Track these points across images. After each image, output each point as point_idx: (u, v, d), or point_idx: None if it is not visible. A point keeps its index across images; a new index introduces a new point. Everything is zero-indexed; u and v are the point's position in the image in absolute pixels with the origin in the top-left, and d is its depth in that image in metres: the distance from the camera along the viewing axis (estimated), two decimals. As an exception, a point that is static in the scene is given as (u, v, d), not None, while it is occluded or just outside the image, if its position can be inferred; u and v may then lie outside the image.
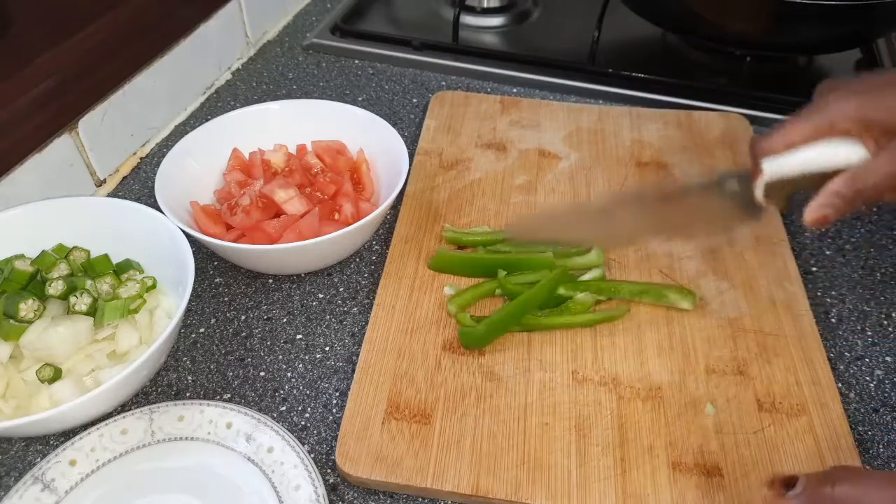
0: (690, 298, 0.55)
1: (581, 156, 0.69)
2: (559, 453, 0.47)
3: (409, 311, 0.55)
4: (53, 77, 0.60)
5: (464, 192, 0.65)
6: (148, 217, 0.55)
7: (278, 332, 0.56)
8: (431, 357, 0.52)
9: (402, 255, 0.59)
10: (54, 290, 0.52)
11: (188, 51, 0.75)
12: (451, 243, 0.60)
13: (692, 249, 0.60)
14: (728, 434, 0.48)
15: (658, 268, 0.58)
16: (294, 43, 0.90)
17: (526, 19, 0.92)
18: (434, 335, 0.54)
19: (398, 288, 0.57)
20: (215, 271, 0.61)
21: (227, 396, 0.51)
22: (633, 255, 0.59)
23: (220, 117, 0.65)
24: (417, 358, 0.52)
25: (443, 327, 0.54)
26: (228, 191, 0.62)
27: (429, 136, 0.71)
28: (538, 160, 0.69)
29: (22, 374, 0.49)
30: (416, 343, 0.53)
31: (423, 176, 0.67)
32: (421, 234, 0.61)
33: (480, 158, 0.69)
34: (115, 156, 0.70)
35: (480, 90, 0.81)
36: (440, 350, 0.53)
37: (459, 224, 0.62)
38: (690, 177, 0.66)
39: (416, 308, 0.55)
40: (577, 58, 0.82)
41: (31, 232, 0.55)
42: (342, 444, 0.47)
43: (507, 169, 0.68)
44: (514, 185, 0.66)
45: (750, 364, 0.52)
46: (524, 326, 0.54)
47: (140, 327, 0.52)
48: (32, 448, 0.49)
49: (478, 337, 0.52)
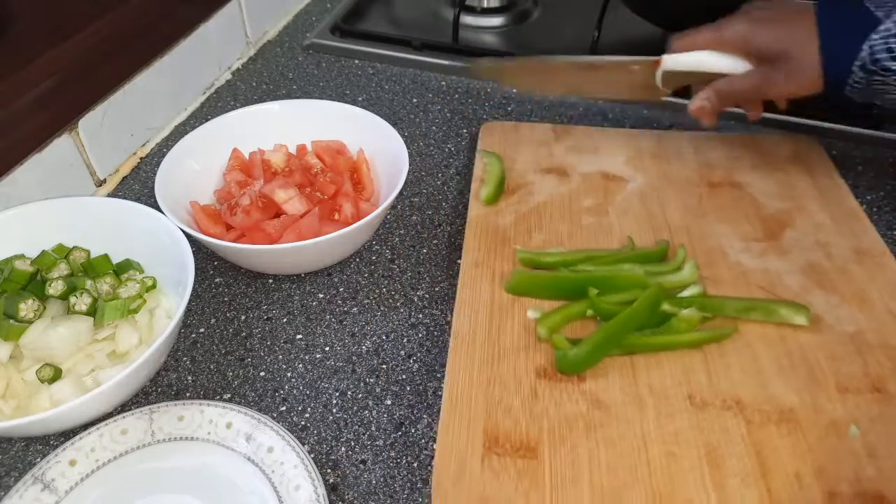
0: (804, 313, 0.51)
1: (648, 178, 0.66)
2: (693, 487, 0.42)
3: (491, 338, 0.51)
4: (53, 77, 0.60)
5: (530, 216, 0.62)
6: (148, 217, 0.55)
7: (278, 332, 0.56)
8: (525, 385, 0.48)
9: (473, 280, 0.56)
10: (54, 290, 0.52)
11: (188, 51, 0.75)
12: (527, 265, 0.57)
13: (789, 265, 0.57)
14: (883, 458, 0.43)
15: (756, 283, 0.55)
16: (294, 43, 0.90)
17: (526, 19, 0.92)
18: (524, 361, 0.49)
19: (476, 315, 0.53)
20: (215, 271, 0.61)
21: (227, 396, 0.51)
22: (728, 272, 0.56)
23: (220, 117, 0.65)
24: (510, 386, 0.48)
25: (532, 352, 0.50)
26: (228, 191, 0.62)
27: (482, 164, 0.67)
28: (604, 183, 0.66)
29: (22, 374, 0.49)
30: (506, 371, 0.49)
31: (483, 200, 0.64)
32: (491, 258, 0.58)
33: (542, 182, 0.66)
34: (115, 156, 0.70)
35: (481, 90, 0.81)
36: (534, 377, 0.48)
37: (531, 246, 0.59)
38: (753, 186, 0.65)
39: (500, 335, 0.51)
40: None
41: (31, 232, 0.55)
42: (438, 492, 0.42)
43: (573, 192, 0.65)
44: (582, 208, 0.63)
45: (886, 380, 0.48)
46: (625, 348, 0.50)
47: (140, 327, 0.52)
48: (32, 448, 0.49)
49: (578, 360, 0.48)
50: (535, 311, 0.53)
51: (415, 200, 0.67)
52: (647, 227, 0.61)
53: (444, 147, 0.73)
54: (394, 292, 0.59)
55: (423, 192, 0.68)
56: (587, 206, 0.63)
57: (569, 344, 0.50)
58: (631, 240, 0.59)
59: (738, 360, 0.50)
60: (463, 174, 0.70)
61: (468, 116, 0.77)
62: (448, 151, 0.73)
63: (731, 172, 0.67)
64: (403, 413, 0.50)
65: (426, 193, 0.68)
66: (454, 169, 0.71)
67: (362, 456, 0.48)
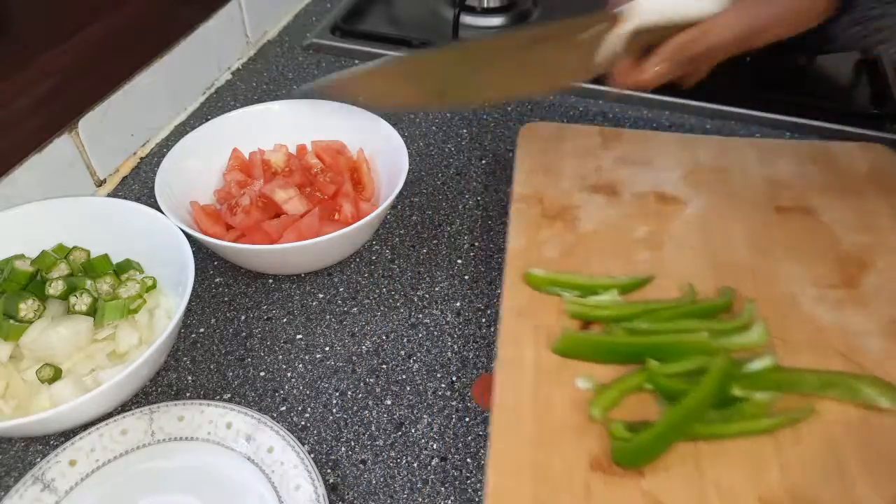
0: (890, 395, 0.44)
1: (708, 200, 0.58)
2: None
3: (537, 414, 0.44)
4: (53, 77, 0.60)
5: (577, 250, 0.54)
6: (148, 217, 0.55)
7: (278, 332, 0.56)
8: (577, 480, 0.41)
9: (516, 336, 0.48)
10: (54, 290, 0.52)
11: (188, 51, 0.75)
12: (576, 318, 0.50)
13: (870, 321, 0.49)
14: None
15: (834, 347, 0.47)
16: (294, 43, 0.90)
17: (526, 19, 0.92)
18: (576, 448, 0.42)
19: (519, 381, 0.45)
20: (215, 271, 0.61)
21: (227, 396, 0.51)
22: (801, 329, 0.48)
23: (220, 117, 0.65)
24: (560, 482, 0.41)
25: (584, 436, 0.43)
26: (228, 191, 0.62)
27: (524, 178, 0.61)
28: (657, 207, 0.58)
29: (22, 374, 0.49)
30: (556, 460, 0.42)
31: (525, 228, 0.56)
32: (535, 305, 0.50)
33: (589, 205, 0.58)
34: (115, 156, 0.70)
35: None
36: (587, 469, 0.41)
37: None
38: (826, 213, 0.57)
39: (547, 410, 0.44)
40: (577, 58, 0.82)
41: (31, 232, 0.55)
42: None
43: (623, 218, 0.57)
44: (634, 239, 0.55)
45: None
46: (689, 434, 0.43)
47: (140, 327, 0.52)
48: (32, 448, 0.49)
49: (639, 453, 0.41)
50: (585, 380, 0.46)
51: (415, 200, 0.67)
52: (708, 265, 0.53)
53: (444, 147, 0.73)
54: (394, 292, 0.59)
55: (423, 192, 0.68)
56: (640, 236, 0.55)
57: (626, 432, 0.42)
58: (692, 287, 0.51)
59: (814, 449, 0.42)
60: (463, 174, 0.70)
61: (468, 116, 0.77)
62: (448, 151, 0.73)
63: (801, 194, 0.58)
64: (403, 413, 0.50)
65: (426, 193, 0.68)
66: (454, 169, 0.71)
67: (362, 456, 0.48)
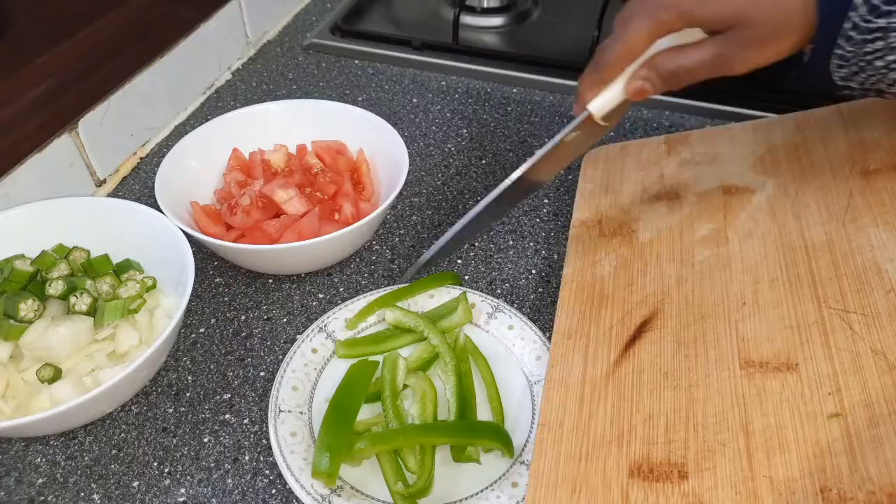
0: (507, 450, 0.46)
1: (780, 181, 0.53)
2: None
3: (580, 428, 0.43)
4: (53, 77, 0.60)
5: (633, 261, 0.52)
6: (148, 217, 0.55)
7: (278, 332, 0.56)
8: (615, 489, 0.39)
9: (564, 356, 0.47)
10: (54, 290, 0.52)
11: (188, 51, 0.75)
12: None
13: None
14: None
15: None
16: (294, 43, 0.90)
17: (526, 19, 0.92)
18: (616, 457, 0.41)
19: (565, 398, 0.45)
20: (215, 271, 0.61)
21: (227, 396, 0.51)
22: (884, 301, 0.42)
23: (220, 117, 0.65)
24: (598, 492, 0.39)
25: (626, 445, 0.41)
26: (228, 191, 0.62)
27: (584, 203, 0.59)
28: (723, 200, 0.54)
29: (22, 374, 0.49)
30: (594, 472, 0.40)
31: (582, 252, 0.55)
32: (586, 325, 0.49)
33: (649, 215, 0.55)
34: (115, 156, 0.70)
35: (480, 90, 0.81)
36: (625, 478, 0.40)
37: (631, 303, 0.49)
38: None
39: (590, 423, 0.43)
40: (577, 58, 0.82)
41: (31, 232, 0.55)
42: None
43: (685, 220, 0.54)
44: (696, 240, 0.52)
45: None
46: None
47: (140, 327, 0.52)
48: (32, 448, 0.49)
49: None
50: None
51: (415, 200, 0.67)
52: (776, 248, 0.49)
53: (444, 147, 0.73)
54: (394, 292, 0.59)
55: (423, 192, 0.68)
56: (702, 235, 0.52)
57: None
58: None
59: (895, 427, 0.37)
60: (463, 174, 0.70)
61: (468, 116, 0.77)
62: (448, 151, 0.73)
63: (891, 152, 0.51)
64: (403, 413, 0.50)
65: (426, 193, 0.68)
66: (454, 169, 0.71)
67: (362, 456, 0.48)
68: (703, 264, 0.50)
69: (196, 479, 0.47)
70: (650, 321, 0.48)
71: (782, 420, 0.39)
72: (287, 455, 0.45)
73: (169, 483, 0.47)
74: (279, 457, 0.45)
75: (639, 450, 0.41)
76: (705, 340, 0.45)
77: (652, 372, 0.45)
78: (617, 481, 0.40)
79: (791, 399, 0.40)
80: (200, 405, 0.51)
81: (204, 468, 0.47)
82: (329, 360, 0.52)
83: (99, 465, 0.48)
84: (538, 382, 0.49)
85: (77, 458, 0.48)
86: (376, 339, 0.53)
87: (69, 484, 0.47)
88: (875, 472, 0.35)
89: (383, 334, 0.54)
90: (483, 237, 0.63)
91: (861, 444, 0.36)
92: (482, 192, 0.68)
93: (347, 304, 0.55)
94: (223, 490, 0.46)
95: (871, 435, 0.36)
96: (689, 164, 0.59)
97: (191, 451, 0.48)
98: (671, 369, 0.44)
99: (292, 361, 0.51)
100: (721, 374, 0.43)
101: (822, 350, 0.41)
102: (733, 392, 0.42)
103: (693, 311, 0.47)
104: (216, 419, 0.50)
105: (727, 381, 0.42)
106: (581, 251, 0.55)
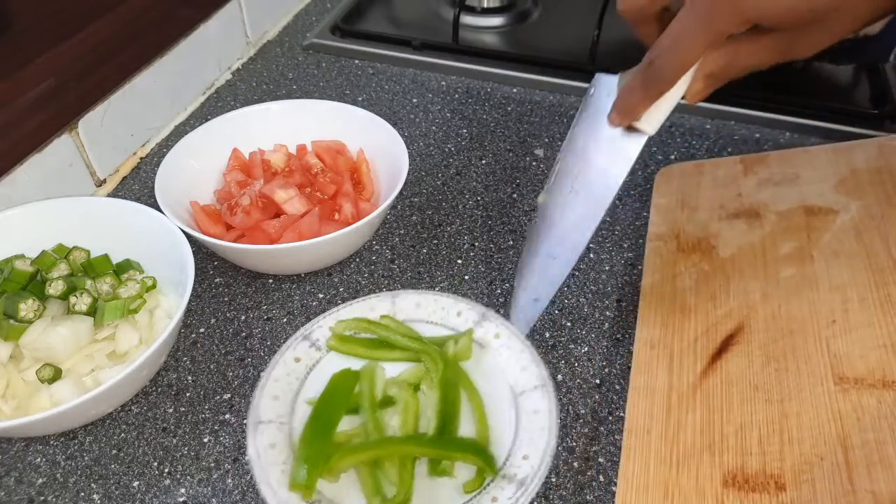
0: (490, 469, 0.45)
1: (864, 203, 0.53)
2: None
3: (669, 435, 0.44)
4: (53, 77, 0.60)
5: (715, 276, 0.52)
6: (148, 217, 0.55)
7: (278, 332, 0.56)
8: (710, 498, 0.40)
9: (647, 364, 0.48)
10: (54, 290, 0.52)
11: (188, 51, 0.75)
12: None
13: None
14: None
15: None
16: (294, 43, 0.90)
17: (526, 19, 0.92)
18: (708, 466, 0.41)
19: (651, 406, 0.46)
20: (215, 271, 0.61)
21: (227, 396, 0.51)
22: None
23: (220, 117, 0.65)
24: (692, 499, 0.40)
25: (718, 454, 0.42)
26: (228, 191, 0.62)
27: (659, 218, 0.60)
28: (806, 220, 0.54)
29: (22, 374, 0.49)
30: (686, 478, 0.41)
31: (660, 265, 0.55)
32: (669, 335, 0.50)
33: (728, 232, 0.56)
34: (115, 156, 0.70)
35: (480, 90, 0.81)
36: (720, 487, 0.40)
37: (716, 316, 0.50)
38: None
39: (678, 431, 0.44)
40: (577, 58, 0.82)
41: (31, 232, 0.55)
42: None
43: (767, 238, 0.54)
44: (779, 256, 0.52)
45: None
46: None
47: (140, 327, 0.52)
48: (32, 448, 0.49)
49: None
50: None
51: (415, 200, 0.67)
52: (864, 268, 0.49)
53: (444, 147, 0.73)
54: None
55: (423, 192, 0.68)
56: (785, 252, 0.52)
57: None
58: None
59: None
60: (463, 174, 0.70)
61: (468, 116, 0.77)
62: (448, 151, 0.73)
63: None
64: (403, 413, 0.50)
65: (426, 193, 0.68)
66: (454, 169, 0.71)
67: (362, 456, 0.48)
68: (788, 281, 0.50)
69: (196, 479, 0.47)
70: (736, 335, 0.48)
71: (882, 436, 0.39)
72: (265, 467, 0.43)
73: (169, 483, 0.47)
74: (256, 469, 0.43)
75: (732, 460, 0.41)
76: (795, 356, 0.45)
77: (741, 384, 0.45)
78: (711, 489, 0.40)
79: (890, 416, 0.40)
80: (200, 405, 0.51)
81: (204, 468, 0.47)
82: (313, 368, 0.51)
83: (99, 465, 0.48)
84: (523, 394, 0.48)
85: (77, 458, 0.48)
86: (371, 343, 0.52)
87: (69, 484, 0.47)
88: None
89: (378, 341, 0.52)
90: (483, 237, 0.63)
91: None
92: (482, 191, 0.68)
93: (334, 311, 0.53)
94: (223, 490, 0.46)
95: None
96: (768, 183, 0.59)
97: (191, 451, 0.48)
98: (761, 382, 0.44)
99: (274, 370, 0.49)
100: (815, 388, 0.43)
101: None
102: (828, 407, 0.41)
103: (781, 326, 0.47)
104: (216, 419, 0.50)
105: (821, 397, 0.42)
106: (659, 264, 0.55)
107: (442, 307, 0.53)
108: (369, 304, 0.53)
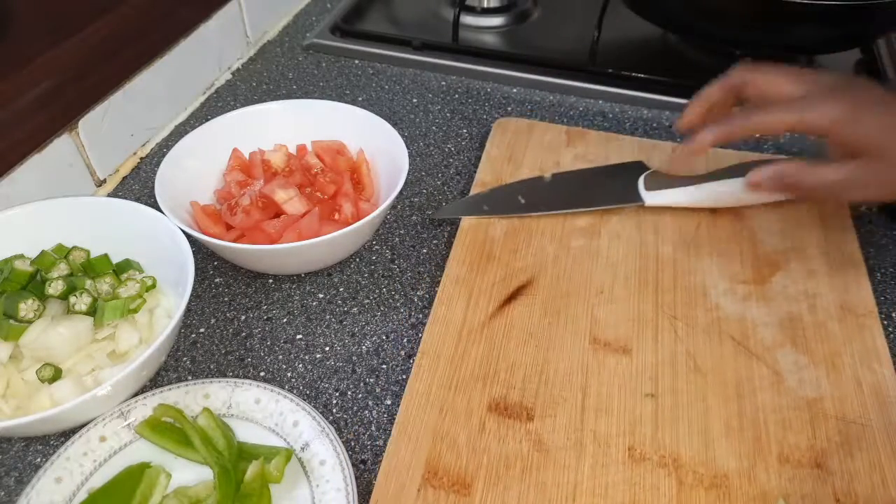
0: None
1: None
2: None
3: (454, 362, 0.51)
4: (53, 77, 0.60)
5: (521, 230, 0.60)
6: (148, 217, 0.55)
7: (278, 332, 0.56)
8: (476, 417, 0.47)
9: (450, 298, 0.55)
10: (54, 290, 0.51)
11: (188, 51, 0.75)
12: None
13: (769, 314, 0.54)
14: None
15: (729, 332, 0.52)
16: (294, 43, 0.90)
17: (526, 19, 0.93)
18: (479, 392, 0.49)
19: (444, 335, 0.52)
20: (215, 271, 0.61)
21: (227, 396, 0.51)
22: (703, 315, 0.54)
23: (220, 117, 0.65)
24: (461, 417, 0.47)
25: (489, 384, 0.49)
26: (228, 191, 0.62)
27: (488, 167, 0.67)
28: None
29: (22, 374, 0.49)
30: (460, 400, 0.48)
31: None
32: (472, 275, 0.57)
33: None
34: (115, 156, 0.70)
35: (481, 90, 0.81)
36: (485, 410, 0.48)
37: (514, 268, 0.57)
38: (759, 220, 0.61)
39: (462, 360, 0.51)
40: (577, 58, 0.82)
41: (31, 232, 0.55)
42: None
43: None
44: (575, 227, 0.61)
45: (829, 456, 0.45)
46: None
47: (140, 327, 0.52)
48: (32, 448, 0.49)
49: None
50: None
51: (415, 200, 0.67)
52: (636, 254, 0.58)
53: (444, 147, 0.73)
54: (394, 292, 0.59)
55: (423, 192, 0.68)
56: (581, 226, 0.61)
57: None
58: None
59: (689, 413, 0.48)
60: (463, 174, 0.70)
61: (468, 116, 0.77)
62: (448, 151, 0.73)
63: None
64: (403, 413, 0.50)
65: (426, 193, 0.68)
66: (454, 169, 0.71)
67: (362, 456, 0.48)
68: (576, 250, 0.59)
69: (196, 479, 0.47)
70: (526, 287, 0.56)
71: (611, 390, 0.49)
72: None
73: (169, 483, 0.47)
74: None
75: (498, 390, 0.49)
76: (566, 314, 0.54)
77: (520, 329, 0.53)
78: (478, 411, 0.48)
79: (621, 376, 0.50)
80: (200, 405, 0.51)
81: (204, 468, 0.47)
82: (117, 453, 0.45)
83: (99, 465, 0.48)
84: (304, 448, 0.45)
85: (77, 458, 0.48)
86: (185, 437, 0.45)
87: (69, 484, 0.47)
88: (669, 442, 0.46)
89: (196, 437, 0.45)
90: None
91: (663, 421, 0.47)
92: (482, 192, 0.68)
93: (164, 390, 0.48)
94: (223, 490, 0.46)
95: (672, 416, 0.48)
96: (582, 159, 0.68)
97: (191, 451, 0.48)
98: (535, 331, 0.53)
99: (72, 447, 0.44)
100: (574, 344, 0.52)
101: (650, 343, 0.52)
102: (580, 360, 0.51)
103: (561, 287, 0.56)
104: (216, 419, 0.50)
105: (577, 352, 0.52)
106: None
107: (280, 412, 0.47)
108: (206, 389, 0.48)
